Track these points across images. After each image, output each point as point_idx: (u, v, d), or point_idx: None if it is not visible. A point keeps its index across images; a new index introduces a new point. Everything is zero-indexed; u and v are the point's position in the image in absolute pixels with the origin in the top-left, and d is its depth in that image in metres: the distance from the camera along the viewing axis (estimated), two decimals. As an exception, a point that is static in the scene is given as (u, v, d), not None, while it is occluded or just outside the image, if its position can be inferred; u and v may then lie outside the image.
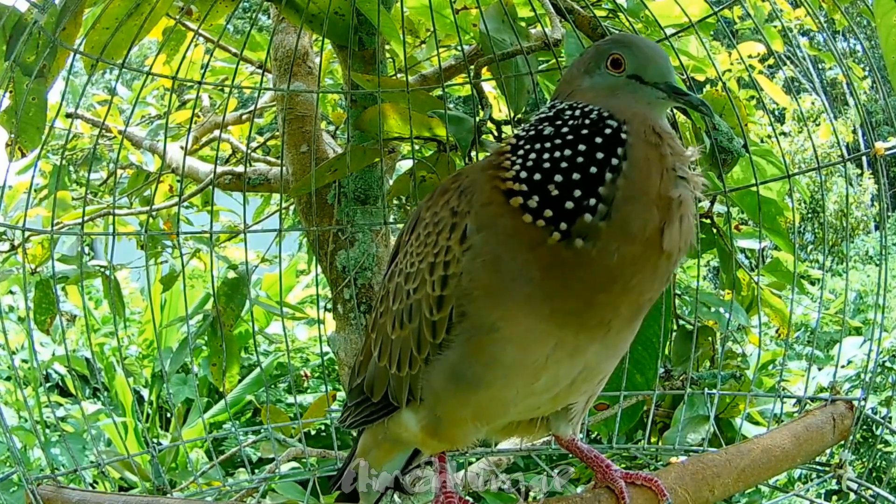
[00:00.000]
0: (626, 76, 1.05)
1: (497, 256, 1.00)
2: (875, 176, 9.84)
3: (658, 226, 0.96)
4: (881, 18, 1.29)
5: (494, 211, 1.01)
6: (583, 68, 1.08)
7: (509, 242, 0.99)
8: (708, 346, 2.41)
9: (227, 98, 3.60)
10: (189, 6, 2.19)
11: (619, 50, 1.05)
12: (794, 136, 11.15)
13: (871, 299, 8.62)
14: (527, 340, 1.01)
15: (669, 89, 1.03)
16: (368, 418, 1.25)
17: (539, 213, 0.97)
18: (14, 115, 1.47)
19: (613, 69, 1.05)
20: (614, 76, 1.05)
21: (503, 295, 1.00)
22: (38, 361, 4.81)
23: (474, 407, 1.09)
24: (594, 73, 1.07)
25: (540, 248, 0.96)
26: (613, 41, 1.10)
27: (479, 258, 1.01)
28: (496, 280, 1.00)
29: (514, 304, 0.99)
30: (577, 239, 0.95)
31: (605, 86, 1.05)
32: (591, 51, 1.11)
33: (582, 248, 0.95)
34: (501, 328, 1.01)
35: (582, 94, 1.06)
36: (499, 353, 1.02)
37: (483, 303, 1.01)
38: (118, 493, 1.57)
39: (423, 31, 2.87)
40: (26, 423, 5.14)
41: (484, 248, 1.01)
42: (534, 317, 0.99)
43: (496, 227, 1.01)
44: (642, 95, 1.04)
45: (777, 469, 1.33)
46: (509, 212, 0.99)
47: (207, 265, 3.83)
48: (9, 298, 6.01)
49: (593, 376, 1.11)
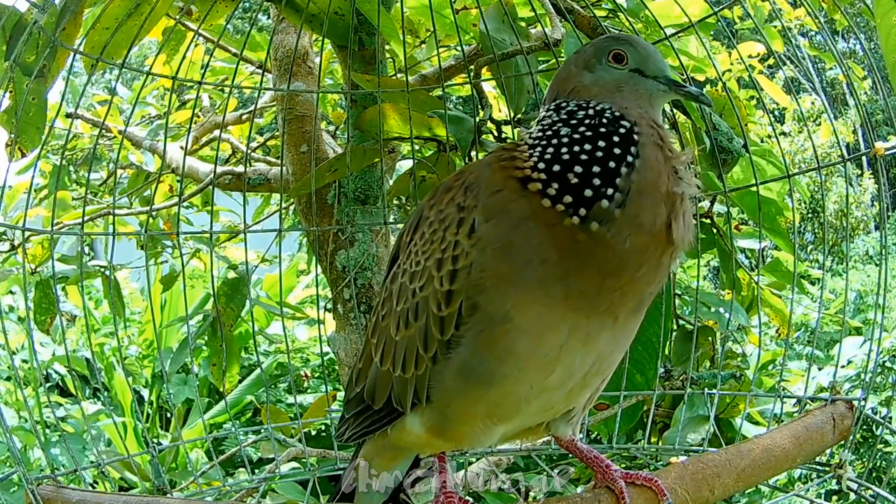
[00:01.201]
0: (628, 70, 1.09)
1: (508, 242, 1.01)
2: (875, 176, 9.84)
3: (665, 220, 1.00)
4: (881, 18, 1.29)
5: (506, 196, 1.02)
6: (581, 65, 1.11)
7: (522, 226, 1.00)
8: (708, 346, 2.41)
9: (227, 98, 3.60)
10: (189, 6, 2.19)
11: (619, 46, 1.10)
12: (794, 136, 11.16)
13: (871, 299, 8.63)
14: (540, 328, 1.01)
15: (670, 82, 1.09)
16: (369, 428, 1.22)
17: (558, 198, 0.99)
18: (14, 115, 1.47)
19: (616, 63, 1.09)
20: (618, 69, 1.09)
21: (515, 281, 1.00)
22: (38, 361, 4.80)
23: (487, 403, 1.08)
24: (595, 69, 1.10)
25: (556, 228, 0.98)
26: (612, 38, 1.14)
27: (490, 246, 1.02)
28: (508, 266, 1.00)
29: (526, 290, 1.00)
30: (594, 222, 0.97)
31: (609, 80, 1.08)
32: (588, 48, 1.14)
33: (598, 231, 0.98)
34: (514, 317, 1.01)
35: (586, 90, 1.09)
36: (512, 344, 1.02)
37: (495, 292, 1.02)
38: (118, 493, 1.58)
39: (423, 31, 2.87)
40: (26, 423, 5.14)
41: (494, 234, 1.02)
42: (546, 302, 1.00)
43: (507, 213, 1.02)
44: (645, 89, 1.08)
45: (777, 469, 1.33)
46: (523, 197, 1.01)
47: (207, 265, 3.83)
48: (9, 298, 6.01)
49: (604, 369, 1.11)
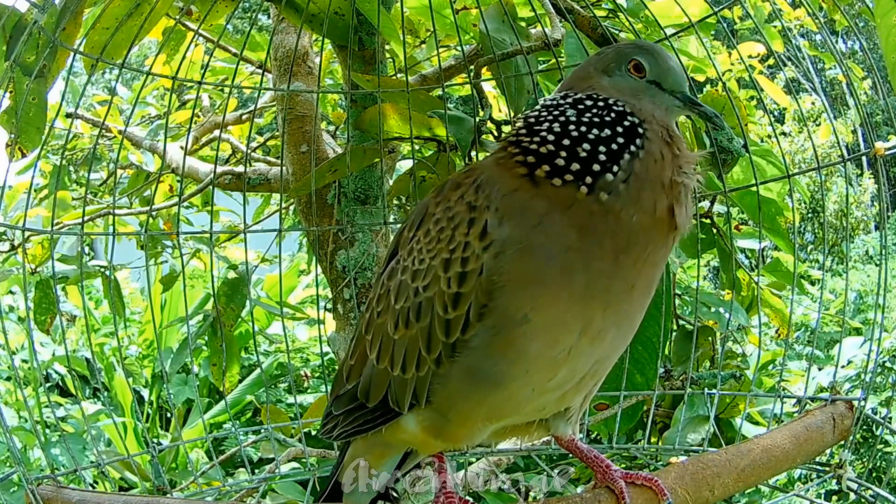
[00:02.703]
0: (646, 81, 1.10)
1: (529, 243, 1.00)
2: (875, 176, 9.84)
3: (667, 206, 1.02)
4: (881, 18, 1.29)
5: (523, 196, 1.02)
6: (601, 67, 1.12)
7: (543, 222, 1.01)
8: (708, 346, 2.41)
9: (227, 98, 3.60)
10: (189, 6, 2.20)
11: (641, 56, 1.11)
12: (794, 136, 11.17)
13: (871, 299, 8.63)
14: (555, 329, 1.01)
15: (686, 99, 1.11)
16: (362, 427, 1.19)
17: (566, 170, 1.01)
18: (14, 115, 1.47)
19: (636, 73, 1.10)
20: (636, 79, 1.10)
21: (537, 280, 1.00)
22: (38, 361, 4.81)
23: (489, 406, 1.08)
24: (614, 74, 1.11)
25: (573, 208, 1.00)
26: (636, 46, 1.15)
27: (510, 248, 1.01)
28: (530, 266, 1.00)
29: (548, 287, 1.00)
30: (602, 192, 0.99)
31: (626, 86, 1.10)
32: (609, 53, 1.14)
33: (607, 201, 0.99)
34: (532, 319, 1.00)
35: (603, 90, 1.10)
36: (525, 346, 1.02)
37: (514, 295, 1.01)
38: (118, 493, 1.58)
39: (423, 31, 2.87)
40: (26, 423, 5.14)
41: (514, 236, 1.01)
42: (566, 298, 1.00)
43: (526, 212, 1.02)
44: (661, 101, 1.10)
45: (777, 469, 1.33)
46: (540, 191, 1.01)
47: (207, 265, 3.83)
48: (9, 298, 6.01)
49: (600, 372, 1.12)
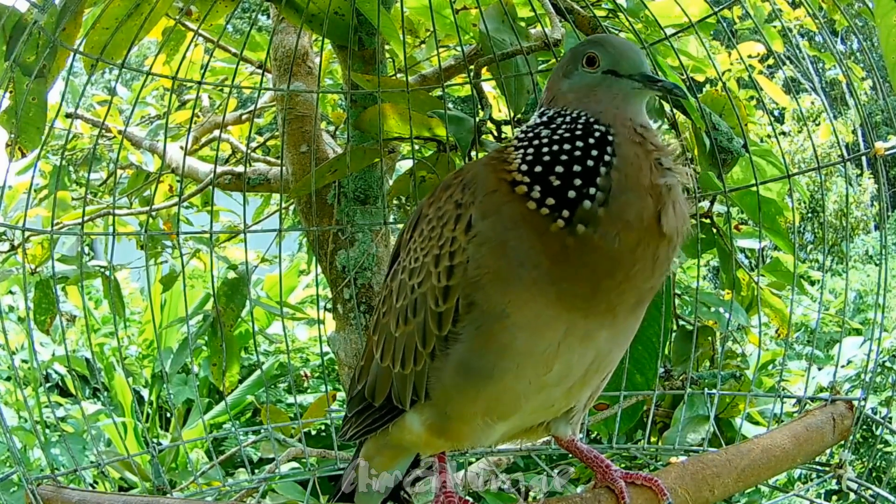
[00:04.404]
0: (601, 72, 1.09)
1: (503, 241, 1.02)
2: (875, 176, 9.84)
3: (654, 212, 1.01)
4: (881, 19, 1.29)
5: (500, 198, 1.04)
6: (561, 72, 1.13)
7: (515, 228, 1.01)
8: (708, 346, 2.41)
9: (226, 98, 3.60)
10: (189, 6, 2.20)
11: (592, 48, 1.10)
12: (794, 136, 11.16)
13: (871, 299, 8.62)
14: (537, 325, 1.02)
15: (644, 78, 1.08)
16: (371, 427, 1.24)
17: (542, 202, 1.00)
18: (14, 115, 1.47)
19: (589, 67, 1.10)
20: (590, 73, 1.10)
21: (511, 279, 1.01)
22: (38, 361, 4.80)
23: (486, 400, 1.09)
24: (572, 75, 1.11)
25: (545, 235, 0.99)
26: (588, 42, 1.16)
27: (486, 244, 1.03)
28: (503, 264, 1.02)
29: (522, 288, 1.01)
30: (579, 224, 0.98)
31: (582, 85, 1.10)
32: (567, 54, 1.15)
33: (584, 233, 0.98)
34: (511, 314, 1.02)
35: (563, 97, 1.11)
36: (510, 340, 1.03)
37: (491, 289, 1.03)
38: (118, 493, 1.58)
39: (423, 31, 2.86)
40: (26, 423, 5.14)
41: (490, 233, 1.03)
42: (542, 301, 1.01)
43: (502, 213, 1.03)
44: (619, 88, 1.08)
45: (777, 469, 1.33)
46: (515, 199, 1.02)
47: (207, 265, 3.83)
48: (9, 298, 6.01)
49: (604, 366, 1.12)
